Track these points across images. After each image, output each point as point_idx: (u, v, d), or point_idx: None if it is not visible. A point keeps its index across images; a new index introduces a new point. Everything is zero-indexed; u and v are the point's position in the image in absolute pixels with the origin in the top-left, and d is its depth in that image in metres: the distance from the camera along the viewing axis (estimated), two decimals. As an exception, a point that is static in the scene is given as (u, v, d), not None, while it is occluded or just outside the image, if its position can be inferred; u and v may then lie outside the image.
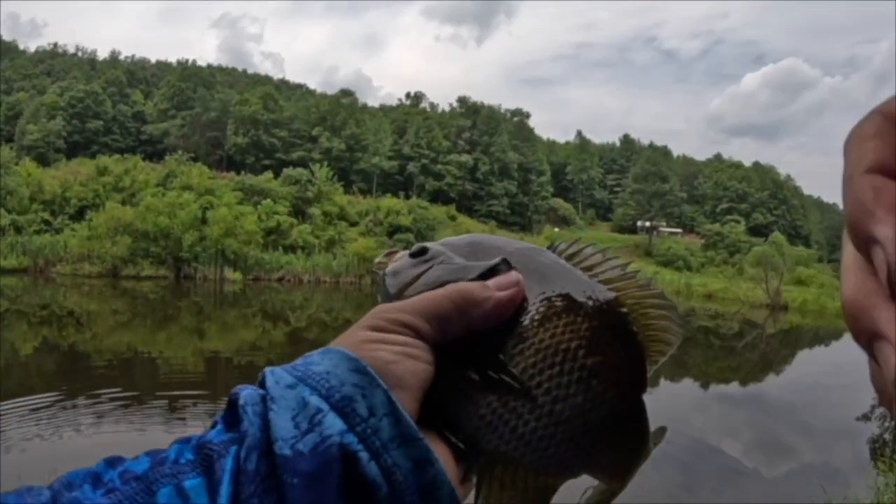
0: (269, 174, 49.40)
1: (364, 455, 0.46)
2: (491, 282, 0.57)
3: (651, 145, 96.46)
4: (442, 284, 0.59)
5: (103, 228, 34.34)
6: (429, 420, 0.54)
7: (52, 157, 58.56)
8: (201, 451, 0.46)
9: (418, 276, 0.61)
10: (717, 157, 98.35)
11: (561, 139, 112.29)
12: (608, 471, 0.62)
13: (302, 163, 56.36)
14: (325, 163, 54.40)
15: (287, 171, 49.23)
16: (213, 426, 0.49)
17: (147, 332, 23.39)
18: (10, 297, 27.05)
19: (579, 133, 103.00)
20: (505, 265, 0.59)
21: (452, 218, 56.78)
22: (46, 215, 38.18)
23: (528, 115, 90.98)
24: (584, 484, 0.64)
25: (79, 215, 38.39)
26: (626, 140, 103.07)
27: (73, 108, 69.08)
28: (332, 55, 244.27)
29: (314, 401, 0.47)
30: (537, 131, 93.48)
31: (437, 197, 68.41)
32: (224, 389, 16.95)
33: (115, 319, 24.95)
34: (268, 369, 0.51)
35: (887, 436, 13.68)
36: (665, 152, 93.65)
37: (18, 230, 35.45)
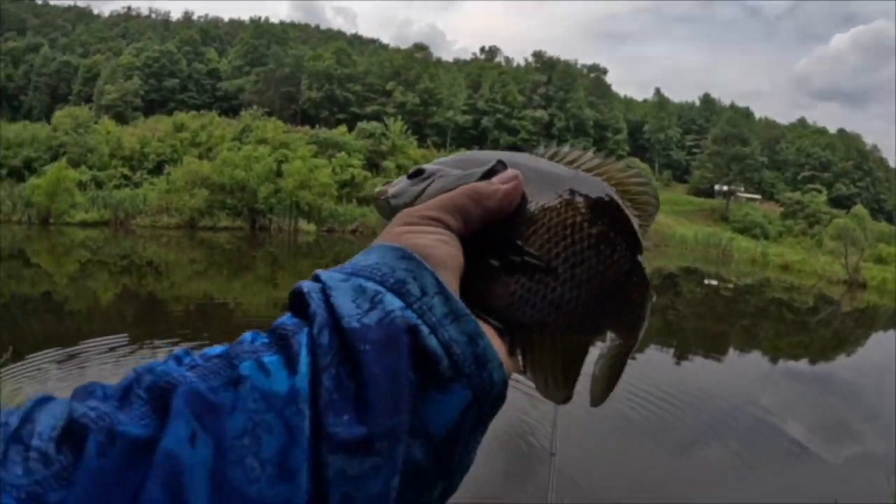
0: (343, 128, 48.79)
1: (424, 329, 0.49)
2: (494, 179, 0.63)
3: (732, 106, 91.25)
4: (449, 191, 0.64)
5: (181, 182, 34.58)
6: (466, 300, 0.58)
7: (131, 116, 59.37)
8: (275, 333, 0.49)
9: (422, 191, 0.67)
10: (801, 121, 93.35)
11: (639, 97, 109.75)
12: (624, 324, 0.71)
13: (376, 117, 55.75)
14: (399, 117, 53.45)
15: (361, 124, 48.51)
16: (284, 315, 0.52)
17: (223, 281, 23.41)
18: (92, 249, 27.40)
19: (658, 91, 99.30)
20: (501, 166, 0.65)
21: (527, 174, 55.25)
22: (126, 170, 38.49)
23: (605, 71, 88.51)
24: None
25: (157, 170, 38.60)
26: (707, 99, 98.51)
27: (149, 67, 70.13)
28: (405, 10, 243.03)
29: (371, 286, 0.50)
30: (614, 88, 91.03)
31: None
32: None
33: (192, 269, 25.02)
34: (318, 271, 0.54)
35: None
36: (747, 114, 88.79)
37: (99, 185, 35.83)
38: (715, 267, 42.01)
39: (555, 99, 74.78)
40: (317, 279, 0.53)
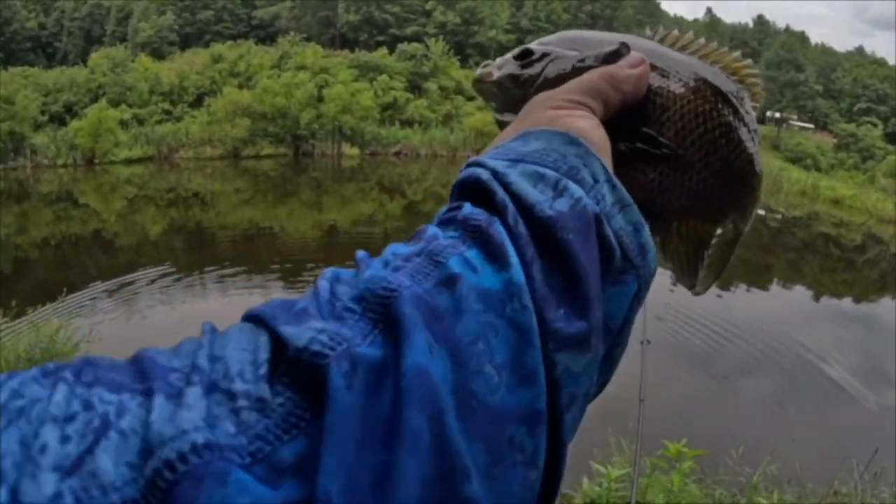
0: (383, 50, 47.42)
1: (603, 219, 0.47)
2: (622, 62, 0.60)
3: (787, 29, 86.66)
4: (574, 74, 0.62)
5: (222, 112, 34.27)
6: None
7: (167, 51, 58.75)
8: (464, 224, 0.44)
9: (539, 74, 0.65)
10: (859, 50, 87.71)
11: (689, 16, 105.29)
12: (742, 212, 0.72)
13: (416, 37, 54.26)
14: (441, 37, 52.01)
15: (402, 46, 47.29)
16: (455, 209, 0.47)
17: (268, 208, 23.22)
18: (138, 185, 27.43)
19: (709, 10, 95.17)
20: (625, 48, 0.63)
21: (574, 90, 53.80)
22: (166, 105, 38.08)
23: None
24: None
25: (197, 102, 38.21)
26: (760, 21, 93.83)
27: (182, 1, 69.31)
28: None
29: (549, 173, 0.47)
30: (663, 6, 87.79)
31: (557, 71, 65.26)
32: (342, 257, 16.80)
33: (237, 197, 24.92)
34: (476, 157, 0.52)
35: None
36: (802, 39, 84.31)
37: (141, 122, 35.47)
38: (764, 197, 40.60)
39: (601, 17, 71.88)
40: (481, 165, 0.49)
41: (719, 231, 0.71)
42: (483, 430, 0.35)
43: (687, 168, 0.63)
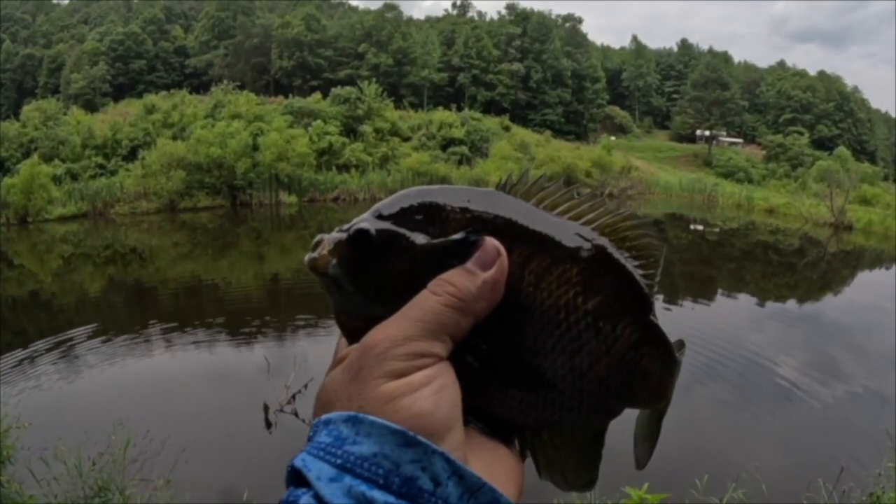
0: (317, 95, 48.08)
1: None
2: (474, 262, 0.54)
3: (710, 50, 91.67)
4: (419, 278, 0.55)
5: (157, 165, 34.12)
6: (467, 420, 0.54)
7: (100, 102, 58.54)
8: None
9: (383, 271, 0.57)
10: (781, 64, 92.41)
11: (615, 44, 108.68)
12: (647, 397, 0.64)
13: (350, 81, 54.93)
14: (374, 79, 52.70)
15: (335, 90, 47.79)
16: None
17: (209, 261, 23.36)
18: (74, 242, 27.31)
19: (635, 38, 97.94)
20: (474, 236, 0.55)
21: (506, 128, 54.64)
22: (100, 159, 37.81)
23: (580, 20, 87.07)
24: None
25: (131, 155, 37.96)
26: (684, 45, 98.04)
27: (115, 51, 68.91)
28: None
29: (378, 497, 0.45)
30: (590, 37, 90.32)
31: (490, 107, 66.22)
32: (286, 307, 17.15)
33: (176, 251, 24.97)
34: (298, 460, 0.49)
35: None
36: (725, 58, 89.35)
37: (74, 177, 35.24)
38: (700, 212, 42.42)
39: (530, 51, 73.82)
40: (301, 479, 0.48)
41: (639, 419, 0.69)
42: None
43: (549, 377, 0.57)
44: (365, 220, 0.58)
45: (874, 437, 7.57)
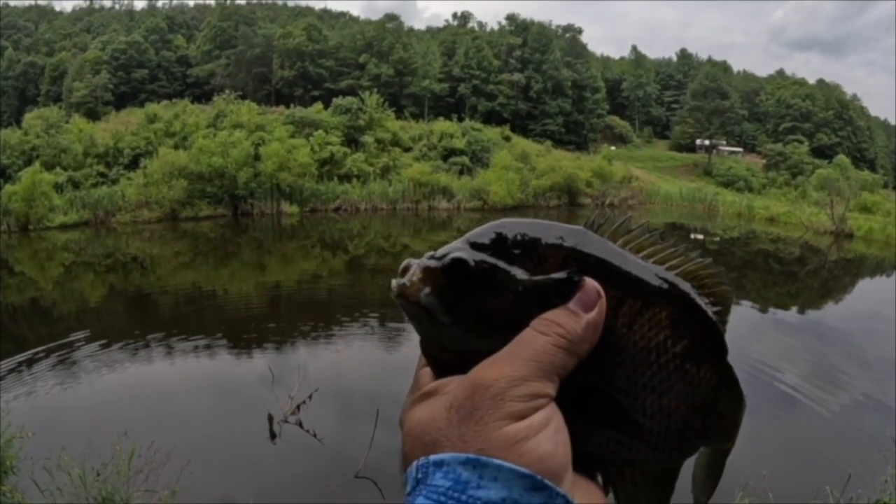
0: (318, 105, 48.17)
1: None
2: (576, 303, 0.55)
3: (710, 60, 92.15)
4: (519, 314, 0.55)
5: (158, 174, 34.19)
6: None
7: (102, 111, 58.60)
8: None
9: (481, 304, 0.56)
10: (780, 72, 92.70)
11: (615, 55, 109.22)
12: (720, 436, 0.67)
13: (351, 91, 55.01)
14: (375, 89, 52.82)
15: (336, 100, 47.89)
16: None
17: (210, 270, 23.36)
18: (75, 251, 27.29)
19: (634, 48, 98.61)
20: (576, 276, 0.56)
21: (507, 138, 54.68)
22: (101, 168, 37.90)
23: (580, 31, 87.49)
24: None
25: (133, 164, 38.02)
26: (684, 55, 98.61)
27: (117, 60, 69.11)
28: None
29: None
30: (590, 47, 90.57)
31: (491, 117, 66.27)
32: (287, 317, 17.13)
33: (177, 261, 24.94)
34: (420, 500, 0.47)
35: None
36: (724, 67, 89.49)
37: (76, 185, 35.28)
38: (701, 222, 42.42)
39: (531, 61, 73.99)
40: None
41: (701, 456, 0.69)
42: None
43: (639, 415, 0.58)
44: (461, 250, 0.57)
45: (879, 444, 7.57)
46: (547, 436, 0.49)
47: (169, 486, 5.99)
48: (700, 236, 36.63)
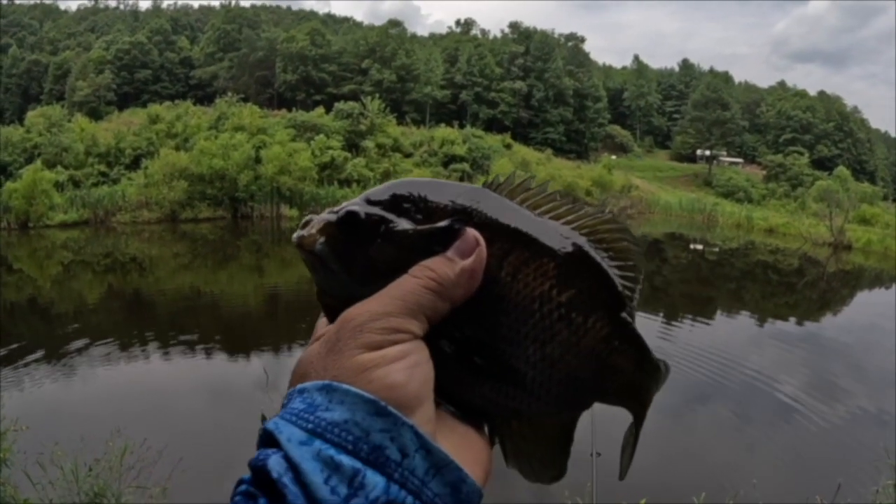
0: (320, 109, 48.43)
1: (409, 499, 0.47)
2: (454, 251, 0.57)
3: (711, 70, 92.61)
4: (403, 263, 0.57)
5: (159, 175, 34.24)
6: (440, 400, 0.56)
7: (104, 111, 58.77)
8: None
9: (368, 253, 0.59)
10: (781, 84, 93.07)
11: (617, 64, 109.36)
12: (619, 395, 0.66)
13: (353, 96, 55.23)
14: (377, 95, 52.83)
15: (338, 105, 48.01)
16: (252, 498, 0.49)
17: (209, 272, 23.37)
18: (74, 249, 27.29)
19: (636, 58, 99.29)
20: (458, 224, 0.58)
21: (508, 146, 54.78)
22: (103, 167, 38.10)
23: (582, 40, 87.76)
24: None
25: (134, 164, 38.23)
26: (686, 65, 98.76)
27: (121, 60, 69.32)
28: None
29: (346, 461, 0.47)
30: (593, 56, 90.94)
31: (492, 125, 66.51)
32: (286, 320, 17.22)
33: (176, 262, 24.95)
34: (270, 424, 0.50)
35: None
36: (726, 78, 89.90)
37: (77, 184, 35.48)
38: (700, 232, 42.47)
39: (533, 69, 74.20)
40: (272, 441, 0.49)
41: (625, 434, 0.70)
42: None
43: (521, 364, 0.59)
44: (355, 204, 0.60)
45: (873, 456, 7.59)
46: (400, 367, 0.51)
47: (160, 484, 6.03)
48: (699, 247, 36.73)
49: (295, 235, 0.61)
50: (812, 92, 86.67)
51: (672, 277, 26.76)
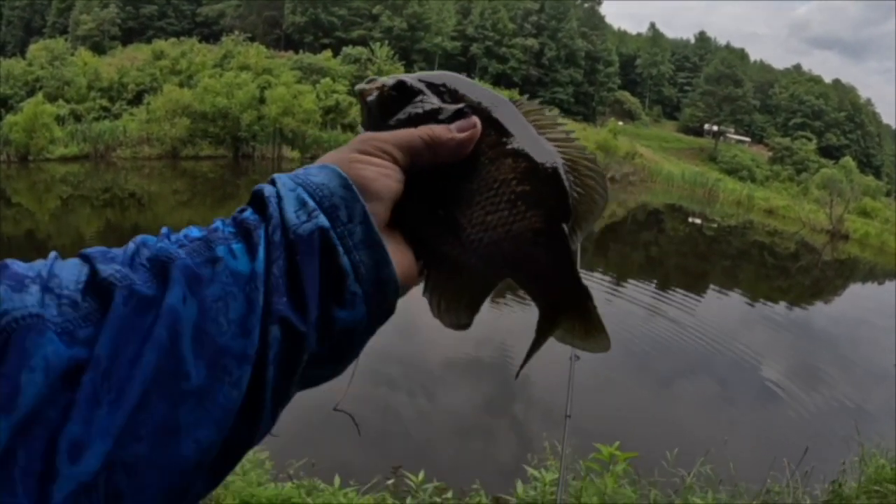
0: (328, 53, 47.79)
1: (340, 249, 0.62)
2: (454, 125, 0.72)
3: (727, 46, 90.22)
4: (418, 122, 0.72)
5: (161, 111, 33.90)
6: (397, 224, 0.70)
7: (108, 45, 57.92)
8: (240, 226, 0.61)
9: (402, 111, 0.74)
10: (797, 67, 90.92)
11: (633, 30, 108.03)
12: (529, 281, 0.78)
13: (362, 41, 54.51)
14: (386, 42, 52.19)
15: (346, 49, 47.54)
16: (243, 211, 0.63)
17: (206, 211, 23.20)
18: (73, 184, 27.16)
19: (653, 25, 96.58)
20: (467, 110, 0.73)
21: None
22: (105, 102, 37.67)
23: (599, 2, 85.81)
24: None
25: (137, 100, 37.79)
26: (702, 38, 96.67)
27: (127, -6, 68.18)
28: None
29: (311, 204, 0.62)
30: (608, 20, 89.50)
31: (500, 80, 65.60)
32: None
33: (175, 199, 24.89)
34: (275, 175, 0.65)
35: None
36: (741, 55, 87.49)
37: (78, 118, 35.03)
38: (700, 206, 42.41)
39: (546, 28, 72.91)
40: (273, 183, 0.64)
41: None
42: (207, 355, 0.54)
43: (464, 220, 0.73)
44: (409, 77, 0.76)
45: (844, 437, 7.68)
46: (373, 169, 0.67)
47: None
48: (698, 220, 36.72)
49: (357, 86, 0.78)
50: (827, 79, 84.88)
51: (668, 248, 26.83)
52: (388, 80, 0.76)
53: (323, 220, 0.61)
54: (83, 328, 0.51)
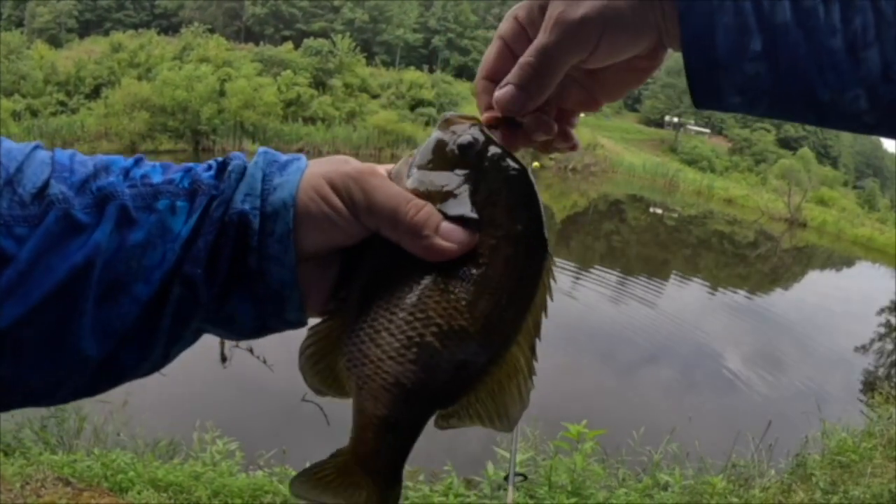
0: (289, 45, 47.30)
1: (255, 252, 0.62)
2: (444, 228, 0.64)
3: None
4: (427, 191, 0.66)
5: (120, 105, 33.23)
6: (343, 259, 0.69)
7: (65, 38, 56.77)
8: (193, 185, 0.63)
9: (435, 165, 0.68)
10: None
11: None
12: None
13: (323, 34, 54.13)
14: (348, 34, 51.73)
15: (308, 41, 46.93)
16: (209, 168, 0.66)
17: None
18: (30, 179, 26.58)
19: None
20: (475, 225, 0.64)
21: (476, 94, 54.38)
22: (62, 96, 36.89)
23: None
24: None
25: (94, 94, 37.05)
26: None
27: (83, -15, 66.86)
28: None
29: (257, 202, 0.62)
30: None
31: (462, 72, 65.49)
32: None
33: (135, 194, 24.54)
34: (262, 150, 0.67)
35: (882, 371, 14.10)
36: None
37: (34, 114, 34.42)
38: (661, 196, 43.03)
39: (508, 19, 73.19)
40: (253, 158, 0.67)
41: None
42: (117, 277, 0.59)
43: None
44: (474, 134, 0.69)
45: (805, 413, 8.02)
46: (324, 208, 0.64)
47: (120, 398, 6.09)
48: (659, 210, 37.25)
49: (448, 114, 0.72)
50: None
51: (630, 238, 27.22)
52: (474, 134, 0.69)
53: (254, 221, 0.62)
54: (20, 226, 0.56)
